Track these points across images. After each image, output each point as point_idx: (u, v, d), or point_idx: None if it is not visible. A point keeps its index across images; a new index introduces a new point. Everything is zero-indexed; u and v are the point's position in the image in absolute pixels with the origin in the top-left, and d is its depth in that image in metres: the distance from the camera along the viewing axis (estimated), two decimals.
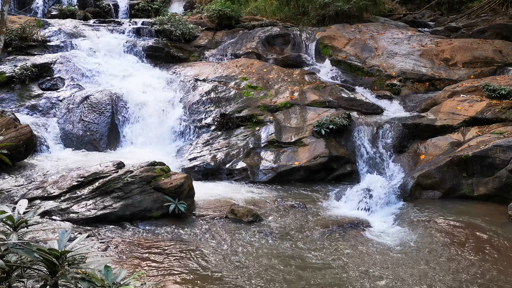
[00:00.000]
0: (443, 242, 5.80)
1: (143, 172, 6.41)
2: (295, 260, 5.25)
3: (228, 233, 5.93)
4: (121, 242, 5.38)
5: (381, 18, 14.69)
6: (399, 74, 10.86)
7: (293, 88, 10.10)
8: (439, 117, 8.79)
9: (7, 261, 2.47)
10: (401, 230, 6.28)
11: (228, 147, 8.77)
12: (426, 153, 8.21)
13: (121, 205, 6.00)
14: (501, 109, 8.50)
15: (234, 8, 13.57)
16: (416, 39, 12.22)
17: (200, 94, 10.07)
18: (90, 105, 9.37)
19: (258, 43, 12.22)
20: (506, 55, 11.27)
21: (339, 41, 12.10)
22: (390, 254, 5.50)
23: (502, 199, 7.09)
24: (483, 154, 7.31)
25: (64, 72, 10.23)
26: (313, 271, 4.99)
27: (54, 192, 6.11)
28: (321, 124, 8.80)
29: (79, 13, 14.27)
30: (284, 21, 13.83)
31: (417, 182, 7.50)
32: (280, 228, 6.19)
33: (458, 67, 11.10)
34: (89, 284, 2.46)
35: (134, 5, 15.75)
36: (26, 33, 10.86)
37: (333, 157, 8.39)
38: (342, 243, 5.82)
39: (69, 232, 2.74)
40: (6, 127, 7.24)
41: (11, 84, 9.66)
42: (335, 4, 13.16)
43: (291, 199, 7.31)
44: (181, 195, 6.37)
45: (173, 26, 12.38)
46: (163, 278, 4.59)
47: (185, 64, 11.51)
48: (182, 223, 6.14)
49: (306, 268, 5.06)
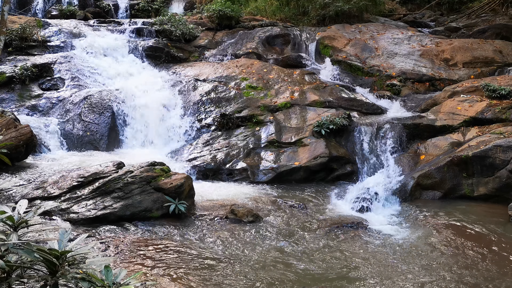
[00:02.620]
0: (443, 242, 5.80)
1: (143, 172, 6.41)
2: (295, 260, 5.25)
3: (228, 233, 5.93)
4: (121, 242, 5.38)
5: (381, 18, 14.68)
6: (399, 74, 10.86)
7: (293, 88, 10.10)
8: (439, 117, 8.79)
9: (7, 261, 2.47)
10: (401, 230, 6.28)
11: (228, 147, 8.77)
12: (426, 153, 8.21)
13: (121, 205, 6.00)
14: (501, 109, 8.50)
15: (234, 8, 13.57)
16: (416, 39, 12.22)
17: (200, 94, 10.08)
18: (90, 105, 9.37)
19: (258, 43, 12.22)
20: (506, 55, 11.27)
21: (339, 41, 12.10)
22: (390, 254, 5.50)
23: (502, 199, 7.09)
24: (483, 154, 7.31)
25: (64, 72, 10.23)
26: (313, 271, 4.99)
27: (54, 192, 6.10)
28: (321, 124, 8.80)
29: (79, 13, 14.27)
30: (284, 21, 13.82)
31: (417, 182, 7.50)
32: (280, 228, 6.19)
33: (458, 67, 11.10)
34: (89, 284, 2.46)
35: (134, 5, 15.75)
36: (26, 33, 10.86)
37: (333, 157, 8.39)
38: (342, 243, 5.82)
39: (69, 232, 2.74)
40: (6, 127, 7.24)
41: (11, 84, 9.67)
42: (335, 4, 13.16)
43: (291, 199, 7.31)
44: (181, 195, 6.37)
45: (173, 26, 12.38)
46: (163, 278, 4.59)
47: (185, 64, 11.51)
48: (182, 223, 6.14)
49: (306, 268, 5.06)
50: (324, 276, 4.89)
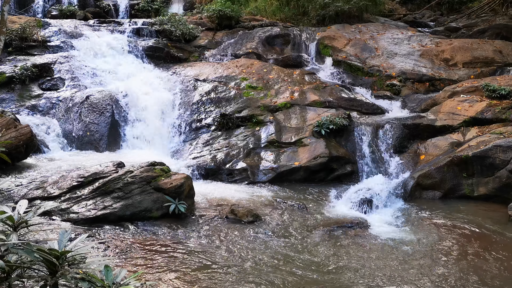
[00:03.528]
0: (443, 242, 5.80)
1: (143, 172, 6.41)
2: (295, 260, 5.25)
3: (228, 234, 5.93)
4: (121, 242, 5.38)
5: (381, 18, 14.68)
6: (399, 74, 10.86)
7: (293, 88, 10.10)
8: (439, 117, 8.80)
9: (7, 261, 2.47)
10: (401, 230, 6.28)
11: (228, 147, 8.77)
12: (426, 153, 8.22)
13: (121, 205, 6.00)
14: (501, 109, 8.50)
15: (234, 8, 13.57)
16: (416, 39, 12.22)
17: (200, 94, 10.08)
18: (90, 105, 9.37)
19: (258, 43, 12.21)
20: (506, 55, 11.27)
21: (339, 41, 12.10)
22: (389, 254, 5.50)
23: (502, 199, 7.09)
24: (483, 154, 7.31)
25: (64, 72, 10.23)
26: (313, 272, 4.99)
27: (54, 192, 6.10)
28: (321, 124, 8.80)
29: (79, 13, 14.26)
30: (284, 21, 13.82)
31: (417, 182, 7.50)
32: (280, 228, 6.19)
33: (458, 67, 11.10)
34: (89, 284, 2.46)
35: (134, 5, 15.74)
36: (26, 33, 10.86)
37: (333, 157, 8.39)
38: (341, 243, 5.82)
39: (69, 232, 2.74)
40: (6, 127, 7.24)
41: (11, 84, 9.66)
42: (335, 4, 13.16)
43: (291, 199, 7.31)
44: (181, 195, 6.37)
45: (173, 26, 12.38)
46: (163, 278, 4.59)
47: (185, 64, 11.51)
48: (182, 223, 6.14)
49: (306, 268, 5.06)
50: (324, 276, 4.89)
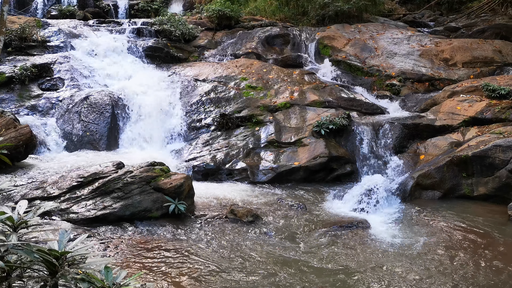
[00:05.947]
0: (443, 242, 5.80)
1: (143, 172, 6.41)
2: (295, 261, 5.25)
3: (228, 234, 5.93)
4: (121, 242, 5.38)
5: (380, 18, 14.68)
6: (399, 74, 10.86)
7: (293, 88, 10.10)
8: (439, 117, 8.80)
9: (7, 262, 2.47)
10: (400, 230, 6.28)
11: (227, 147, 8.77)
12: (426, 153, 8.22)
13: (121, 206, 6.00)
14: (501, 109, 8.50)
15: (234, 8, 13.57)
16: (416, 39, 12.22)
17: (200, 94, 10.07)
18: (89, 105, 9.37)
19: (257, 43, 12.21)
20: (505, 55, 11.27)
21: (338, 41, 12.10)
22: (389, 255, 5.50)
23: (502, 199, 7.09)
24: (483, 154, 7.31)
25: (64, 73, 10.23)
26: (313, 272, 4.99)
27: (54, 192, 6.10)
28: (320, 124, 8.80)
29: (78, 14, 14.26)
30: (284, 21, 13.82)
31: (417, 182, 7.50)
32: (280, 229, 6.20)
33: (458, 67, 11.11)
34: (89, 284, 2.45)
35: (134, 5, 15.75)
36: (26, 33, 10.86)
37: (332, 157, 8.39)
38: (341, 243, 5.82)
39: (69, 233, 2.73)
40: (6, 127, 7.24)
41: (11, 84, 9.66)
42: (335, 4, 13.16)
43: (290, 199, 7.31)
44: (181, 195, 6.37)
45: (173, 26, 12.38)
46: (163, 278, 4.59)
47: (184, 64, 11.51)
48: (182, 223, 6.14)
49: (306, 268, 5.06)
50: (324, 276, 4.89)
